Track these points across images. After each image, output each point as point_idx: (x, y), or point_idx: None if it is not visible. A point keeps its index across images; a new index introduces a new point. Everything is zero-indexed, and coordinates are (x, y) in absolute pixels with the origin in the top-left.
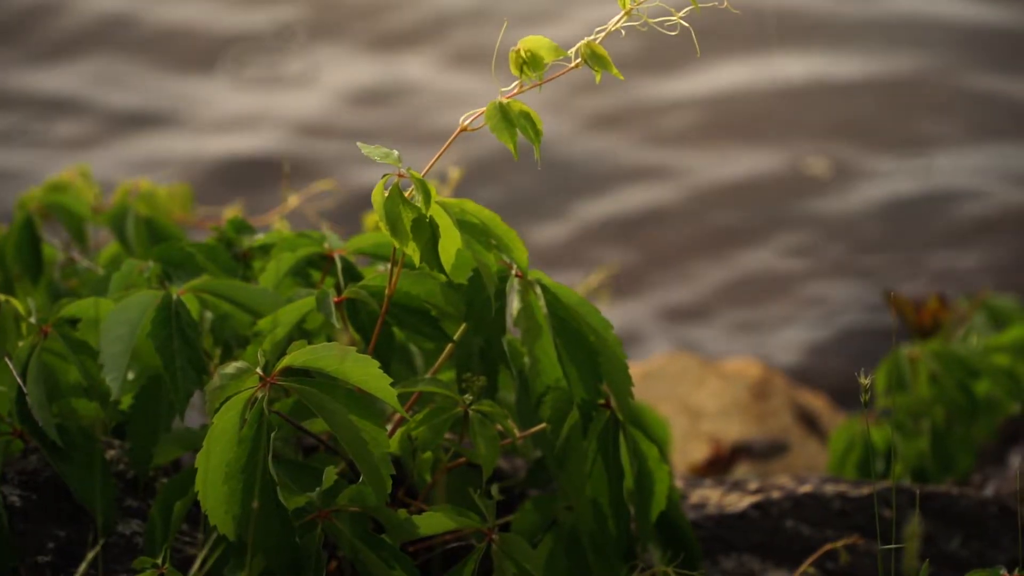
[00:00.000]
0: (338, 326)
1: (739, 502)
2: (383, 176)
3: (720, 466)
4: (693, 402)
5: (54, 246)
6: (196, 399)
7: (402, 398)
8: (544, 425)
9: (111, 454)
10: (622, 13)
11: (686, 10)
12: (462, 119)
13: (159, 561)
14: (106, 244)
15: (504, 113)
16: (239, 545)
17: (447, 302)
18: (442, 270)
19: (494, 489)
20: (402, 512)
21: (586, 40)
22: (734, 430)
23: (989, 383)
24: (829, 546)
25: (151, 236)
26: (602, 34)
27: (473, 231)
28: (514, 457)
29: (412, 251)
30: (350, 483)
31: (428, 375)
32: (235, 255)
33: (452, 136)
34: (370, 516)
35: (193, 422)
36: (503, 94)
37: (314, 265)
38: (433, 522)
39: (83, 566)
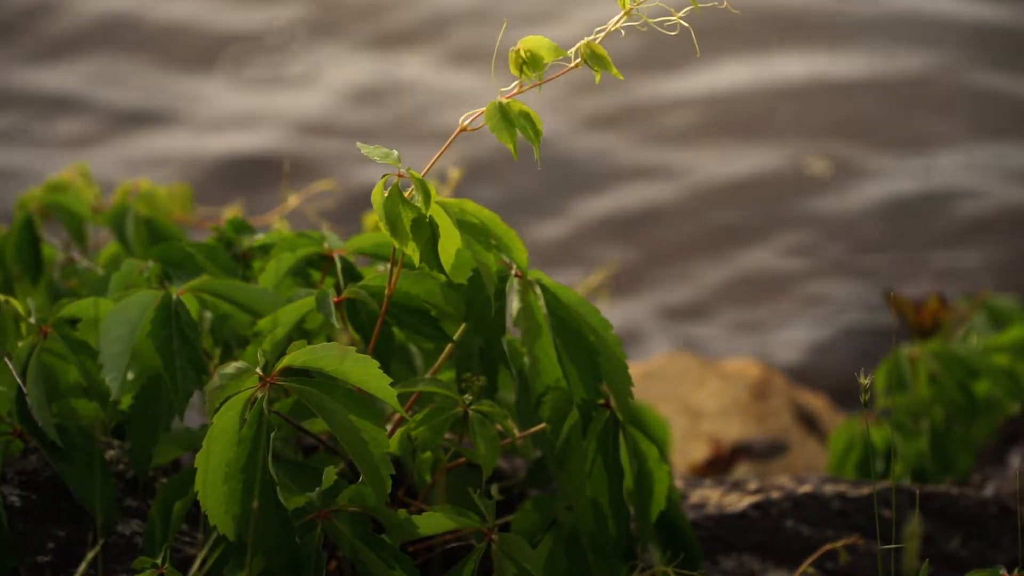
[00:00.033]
0: (338, 326)
1: (739, 502)
2: (383, 176)
3: (720, 466)
4: (693, 402)
5: (54, 246)
6: (196, 399)
7: (402, 398)
8: (544, 425)
9: (111, 454)
10: (622, 13)
11: (686, 10)
12: (462, 119)
13: (159, 561)
14: (106, 244)
15: (504, 113)
16: (239, 545)
17: (447, 302)
18: (442, 270)
19: (494, 489)
20: (402, 512)
21: (586, 40)
22: (734, 430)
23: (989, 383)
24: (829, 546)
25: (151, 236)
26: (602, 34)
27: (473, 231)
28: (514, 457)
29: (412, 251)
30: (350, 483)
31: (428, 375)
32: (235, 255)
33: (452, 136)
34: (370, 516)
35: (193, 422)
36: (503, 94)
37: (314, 265)
38: (433, 522)
39: (83, 566)
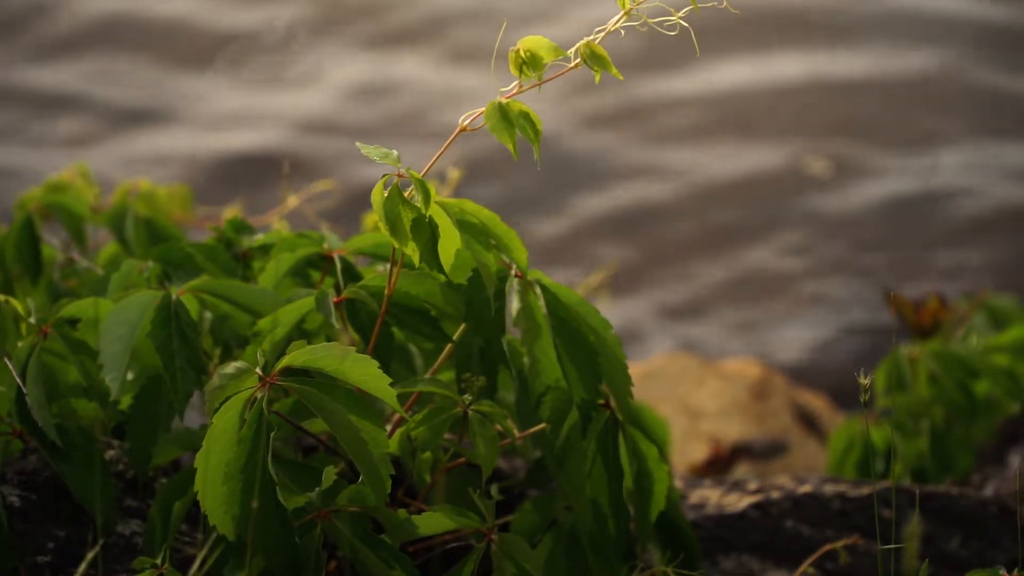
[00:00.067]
0: (337, 326)
1: (739, 502)
2: (383, 176)
3: (720, 466)
4: (693, 402)
5: (54, 246)
6: (196, 399)
7: (402, 398)
8: (544, 425)
9: (111, 454)
10: (622, 13)
11: (686, 10)
12: (462, 119)
13: (159, 561)
14: (106, 244)
15: (503, 113)
16: (239, 545)
17: (447, 302)
18: (441, 270)
19: (494, 489)
20: (402, 512)
21: (586, 40)
22: (734, 430)
23: (989, 383)
24: (829, 546)
25: (150, 236)
26: (602, 34)
27: (472, 231)
28: (514, 457)
29: (412, 251)
30: (350, 483)
31: (428, 375)
32: (235, 255)
33: (452, 136)
34: (370, 516)
35: (193, 422)
36: (502, 94)
37: (314, 265)
38: (433, 522)
39: (83, 566)
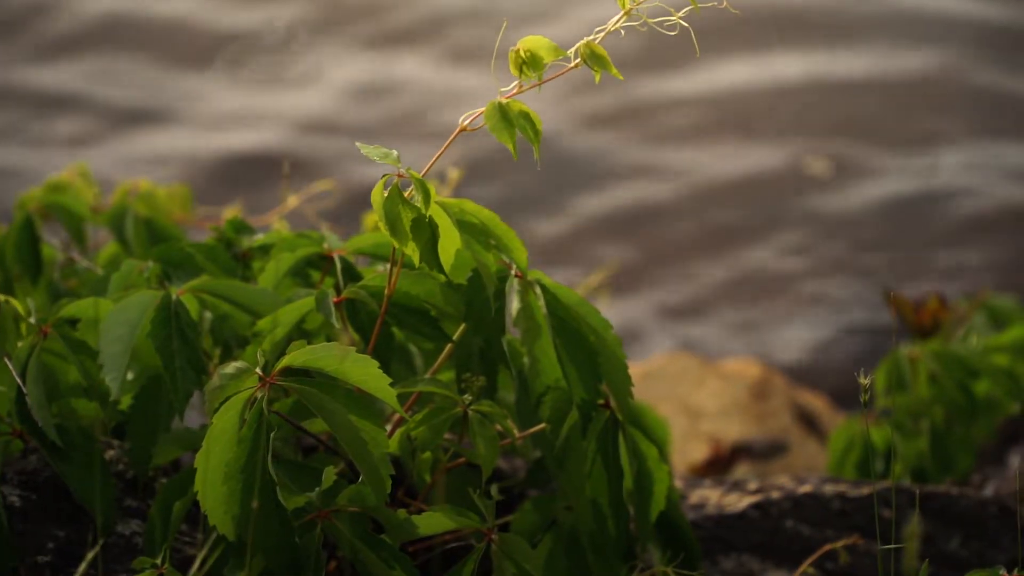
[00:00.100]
0: (337, 326)
1: (739, 502)
2: (383, 176)
3: (720, 466)
4: (693, 402)
5: (54, 246)
6: (196, 399)
7: (402, 398)
8: (544, 425)
9: (111, 454)
10: (622, 13)
11: (686, 10)
12: (461, 119)
13: (159, 561)
14: (106, 244)
15: (503, 113)
16: (239, 545)
17: (447, 302)
18: (441, 270)
19: (494, 489)
20: (402, 512)
21: (585, 40)
22: (734, 430)
23: (989, 383)
24: (829, 546)
25: (150, 236)
26: (602, 34)
27: (472, 231)
28: (514, 457)
29: (412, 251)
30: (350, 483)
31: (428, 375)
32: (235, 255)
33: (452, 136)
34: (370, 516)
35: (193, 422)
36: (502, 94)
37: (314, 265)
38: (433, 522)
39: (83, 566)
